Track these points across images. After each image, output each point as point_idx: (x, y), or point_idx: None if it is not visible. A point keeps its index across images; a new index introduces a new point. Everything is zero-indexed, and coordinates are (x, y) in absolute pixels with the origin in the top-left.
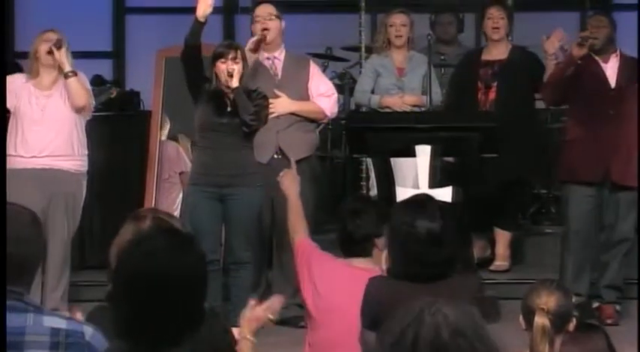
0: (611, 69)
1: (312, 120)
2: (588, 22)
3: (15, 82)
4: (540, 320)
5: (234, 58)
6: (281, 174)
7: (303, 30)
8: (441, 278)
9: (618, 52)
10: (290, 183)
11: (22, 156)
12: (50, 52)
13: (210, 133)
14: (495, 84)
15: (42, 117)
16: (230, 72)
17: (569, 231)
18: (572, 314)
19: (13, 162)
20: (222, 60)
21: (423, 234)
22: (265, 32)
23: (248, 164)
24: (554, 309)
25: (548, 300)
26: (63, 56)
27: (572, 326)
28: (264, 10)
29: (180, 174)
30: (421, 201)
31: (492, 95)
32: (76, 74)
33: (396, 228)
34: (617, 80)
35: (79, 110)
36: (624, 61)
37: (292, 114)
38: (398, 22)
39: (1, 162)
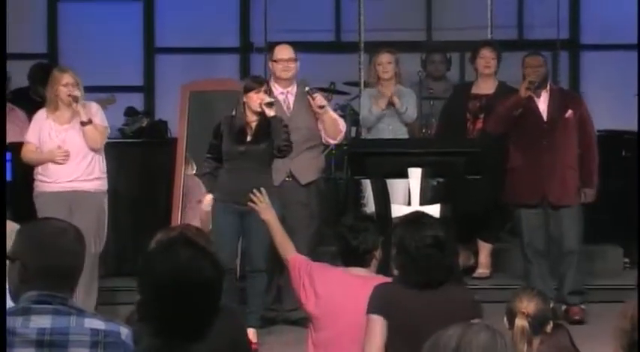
0: (543, 103)
1: (321, 144)
2: (527, 63)
3: (38, 118)
4: (520, 323)
5: (266, 91)
6: (258, 205)
7: (311, 67)
8: (442, 285)
9: (548, 87)
10: (265, 210)
11: (46, 182)
12: (71, 95)
13: (232, 160)
14: (482, 116)
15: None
16: (270, 102)
17: (524, 244)
18: (549, 317)
19: (40, 186)
20: (255, 91)
21: (430, 241)
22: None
23: (265, 186)
24: (533, 313)
25: (528, 305)
26: (80, 108)
27: (549, 328)
28: (287, 54)
29: (199, 202)
30: (421, 216)
31: (479, 125)
32: (91, 122)
33: (404, 242)
34: (548, 113)
35: (93, 151)
36: (553, 93)
37: (304, 140)
38: (385, 60)
39: (1, 168)
